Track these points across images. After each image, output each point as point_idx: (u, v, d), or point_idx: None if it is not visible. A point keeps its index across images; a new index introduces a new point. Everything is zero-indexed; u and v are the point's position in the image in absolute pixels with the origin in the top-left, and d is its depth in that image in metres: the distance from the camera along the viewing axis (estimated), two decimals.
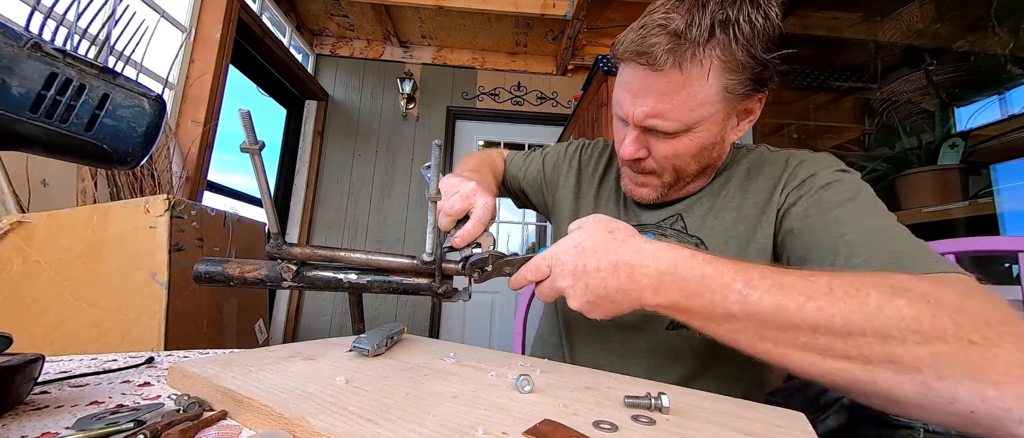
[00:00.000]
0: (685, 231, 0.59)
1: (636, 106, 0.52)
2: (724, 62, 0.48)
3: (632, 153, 0.55)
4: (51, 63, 0.30)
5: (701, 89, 0.49)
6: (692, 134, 0.52)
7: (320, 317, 2.74)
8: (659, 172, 0.57)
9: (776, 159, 0.59)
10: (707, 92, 0.49)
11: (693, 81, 0.48)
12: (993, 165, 1.08)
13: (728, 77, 0.49)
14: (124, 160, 0.33)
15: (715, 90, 0.49)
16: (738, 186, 0.59)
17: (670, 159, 0.55)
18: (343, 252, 0.49)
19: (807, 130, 1.85)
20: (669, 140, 0.53)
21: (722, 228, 0.57)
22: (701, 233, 0.58)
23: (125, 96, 0.33)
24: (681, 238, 0.59)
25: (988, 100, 1.17)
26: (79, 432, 0.27)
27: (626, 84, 0.53)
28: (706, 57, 0.47)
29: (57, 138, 0.30)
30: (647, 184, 0.60)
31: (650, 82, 0.50)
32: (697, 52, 0.47)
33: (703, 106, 0.50)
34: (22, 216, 0.94)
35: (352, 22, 2.81)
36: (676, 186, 0.60)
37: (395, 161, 2.91)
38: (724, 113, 0.52)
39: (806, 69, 1.81)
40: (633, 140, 0.54)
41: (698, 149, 0.54)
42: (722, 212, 0.58)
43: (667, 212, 0.62)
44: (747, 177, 0.59)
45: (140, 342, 0.88)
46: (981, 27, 1.20)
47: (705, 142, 0.53)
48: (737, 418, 0.32)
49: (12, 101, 0.28)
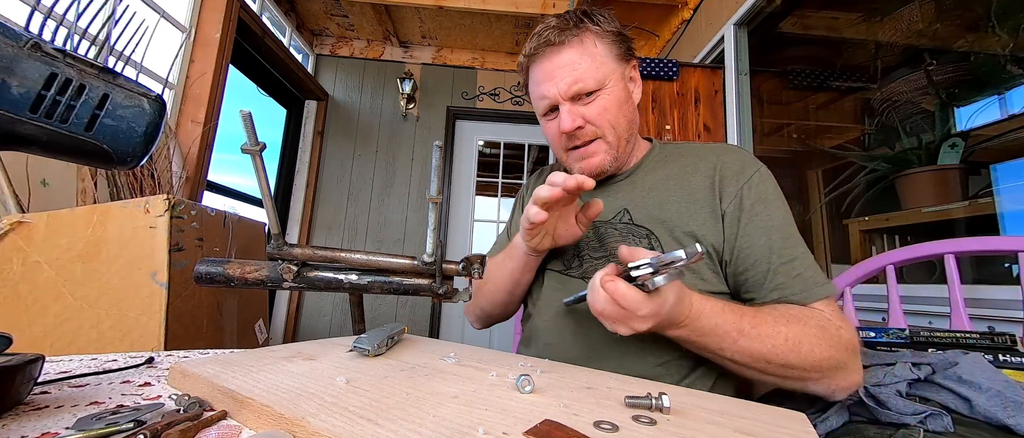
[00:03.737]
0: (633, 223, 0.65)
1: (559, 83, 0.64)
2: (598, 34, 0.65)
3: (572, 123, 0.64)
4: (51, 63, 0.30)
5: (595, 50, 0.64)
6: (608, 90, 0.65)
7: (320, 317, 2.74)
8: (600, 133, 0.66)
9: (704, 151, 0.69)
10: (600, 51, 0.65)
11: (587, 46, 0.64)
12: (993, 165, 1.08)
13: (607, 43, 0.65)
14: (124, 160, 0.33)
15: (603, 50, 0.65)
16: (677, 178, 0.67)
17: (602, 115, 0.65)
18: (343, 253, 0.49)
19: (807, 130, 1.85)
20: (594, 100, 0.64)
21: (666, 218, 0.64)
22: (649, 224, 0.64)
23: (125, 96, 0.33)
24: (631, 229, 0.65)
25: (988, 100, 1.17)
26: (79, 432, 0.27)
27: (543, 76, 0.66)
28: (586, 32, 0.64)
29: (57, 138, 0.30)
30: (595, 151, 0.67)
31: (559, 61, 0.64)
32: (578, 31, 0.64)
33: (604, 63, 0.64)
34: (22, 216, 0.94)
35: (352, 22, 2.81)
36: (619, 150, 0.67)
37: (395, 161, 2.91)
38: (620, 72, 0.66)
39: (806, 69, 1.81)
40: (568, 112, 0.64)
41: (618, 103, 0.65)
42: (666, 204, 0.65)
43: (614, 207, 0.68)
44: (682, 169, 0.67)
45: (140, 342, 0.88)
46: (981, 27, 1.20)
47: (620, 97, 0.66)
48: (738, 418, 0.32)
49: (12, 101, 0.28)
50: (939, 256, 0.84)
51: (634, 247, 0.51)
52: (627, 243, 0.64)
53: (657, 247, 0.62)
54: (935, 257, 0.85)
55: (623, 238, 0.65)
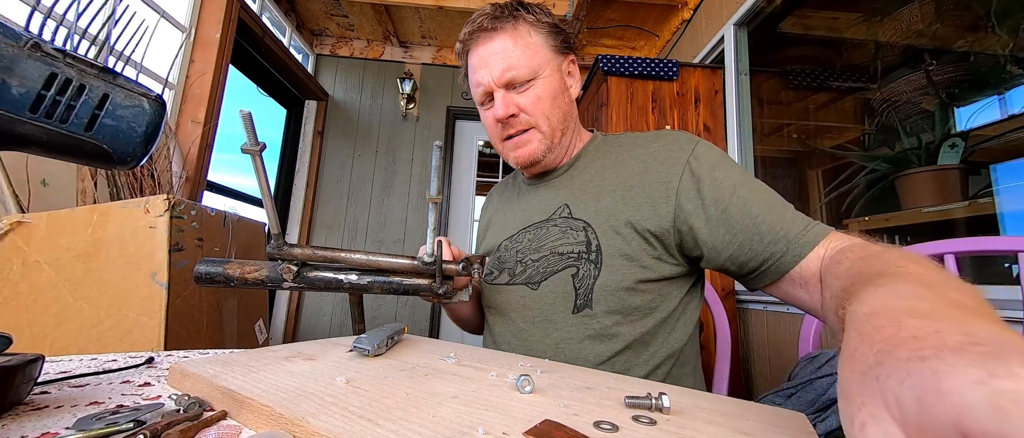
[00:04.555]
0: (571, 216, 0.65)
1: (493, 70, 0.64)
2: (532, 24, 0.66)
3: (505, 110, 0.64)
4: (51, 63, 0.30)
5: (530, 39, 0.65)
6: (542, 80, 0.65)
7: (320, 317, 2.74)
8: (534, 122, 0.66)
9: (641, 139, 0.67)
10: (536, 41, 0.65)
11: (522, 34, 0.65)
12: (993, 165, 1.08)
13: (542, 34, 0.66)
14: (124, 160, 0.33)
15: (539, 41, 0.65)
16: (613, 169, 0.66)
17: (536, 104, 0.65)
18: (343, 253, 0.49)
19: (807, 130, 1.85)
20: (528, 88, 0.65)
21: (602, 209, 0.62)
22: (586, 217, 0.64)
23: (125, 96, 0.33)
24: (569, 223, 0.65)
25: (988, 100, 1.17)
26: (79, 432, 0.27)
27: (478, 63, 0.66)
28: (520, 21, 0.65)
29: (57, 138, 0.30)
30: (529, 140, 0.67)
31: (493, 48, 0.64)
32: (512, 20, 0.65)
33: (538, 53, 0.65)
34: (22, 216, 0.94)
35: (352, 22, 2.81)
36: (553, 141, 0.67)
37: (395, 161, 2.91)
38: (556, 64, 0.67)
39: (806, 69, 1.81)
40: (502, 100, 0.64)
41: (552, 94, 0.66)
42: (602, 194, 0.64)
43: (554, 204, 0.68)
44: (619, 158, 0.66)
45: (140, 342, 0.88)
46: (981, 27, 1.20)
47: (555, 88, 0.66)
48: (738, 419, 0.32)
49: (12, 101, 0.28)
50: (939, 256, 0.84)
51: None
52: (565, 238, 0.64)
53: (594, 239, 0.61)
54: (935, 257, 0.85)
55: (562, 234, 0.64)
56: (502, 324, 0.69)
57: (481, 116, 0.72)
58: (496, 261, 0.72)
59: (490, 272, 0.72)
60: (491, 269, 0.72)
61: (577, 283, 0.61)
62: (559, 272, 0.62)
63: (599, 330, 0.60)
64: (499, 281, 0.70)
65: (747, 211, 0.54)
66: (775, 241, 0.52)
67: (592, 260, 0.60)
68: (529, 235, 0.68)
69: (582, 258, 0.61)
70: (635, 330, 0.59)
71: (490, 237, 0.79)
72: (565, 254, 0.62)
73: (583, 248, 0.61)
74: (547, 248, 0.65)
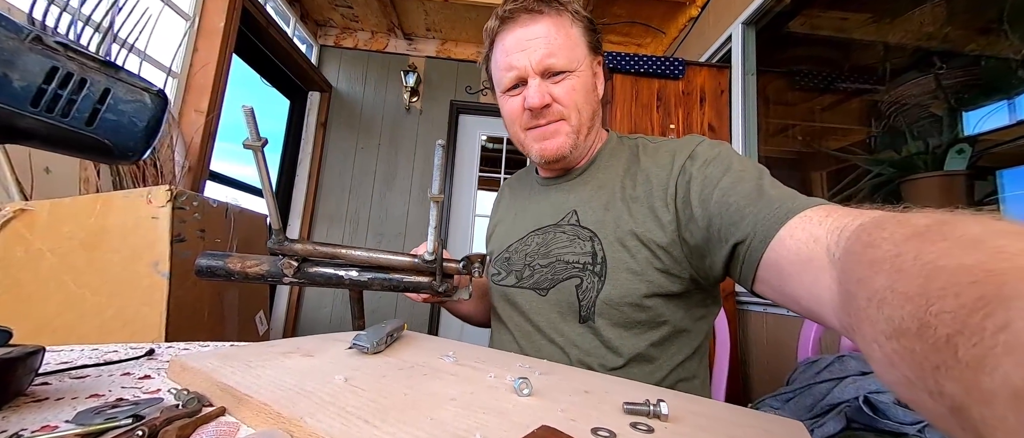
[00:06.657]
0: (579, 224, 0.64)
1: (532, 55, 0.61)
2: (574, 15, 0.63)
3: (540, 99, 0.61)
4: (52, 57, 0.29)
5: (571, 31, 0.62)
6: (578, 74, 0.63)
7: (320, 309, 2.76)
8: (566, 114, 0.63)
9: (654, 145, 0.65)
10: (575, 34, 0.63)
11: (565, 24, 0.62)
12: (1000, 171, 1.07)
13: (580, 28, 0.64)
14: (125, 155, 0.33)
15: (577, 35, 0.63)
16: (622, 176, 0.64)
17: (570, 95, 0.62)
18: (344, 249, 0.49)
19: (812, 131, 1.84)
20: (564, 79, 0.62)
21: (609, 219, 0.61)
22: (593, 226, 0.62)
23: (127, 90, 0.33)
24: (577, 231, 0.63)
25: (997, 105, 1.16)
26: (78, 426, 0.27)
27: (514, 45, 0.62)
28: (565, 11, 0.62)
29: (58, 133, 0.30)
30: (557, 132, 0.64)
31: (534, 31, 0.61)
32: (559, 5, 0.62)
33: (577, 46, 0.63)
34: (25, 203, 0.94)
35: (356, 13, 2.79)
36: (580, 136, 0.65)
37: (397, 155, 2.90)
38: (590, 61, 0.65)
39: (813, 70, 1.79)
40: (537, 87, 0.61)
41: (586, 90, 0.64)
42: (611, 203, 0.62)
43: (565, 209, 0.67)
44: (628, 165, 0.65)
45: (141, 331, 0.88)
46: (993, 30, 1.19)
47: (588, 84, 0.64)
48: (735, 426, 0.32)
49: (13, 95, 0.28)
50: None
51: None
52: (572, 247, 0.62)
53: (599, 250, 0.60)
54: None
55: (569, 241, 0.63)
56: (512, 325, 0.68)
57: (502, 102, 0.68)
58: (504, 262, 0.71)
59: (498, 273, 0.72)
60: (499, 270, 0.72)
61: (581, 294, 0.60)
62: (564, 281, 0.62)
63: (603, 342, 0.59)
64: (506, 282, 0.70)
65: (724, 199, 0.48)
66: (745, 225, 0.44)
67: (597, 273, 0.59)
68: (537, 239, 0.68)
69: (587, 269, 0.60)
70: (639, 344, 0.58)
71: (499, 235, 0.78)
72: (571, 263, 0.62)
73: (589, 259, 0.60)
74: (554, 255, 0.64)
